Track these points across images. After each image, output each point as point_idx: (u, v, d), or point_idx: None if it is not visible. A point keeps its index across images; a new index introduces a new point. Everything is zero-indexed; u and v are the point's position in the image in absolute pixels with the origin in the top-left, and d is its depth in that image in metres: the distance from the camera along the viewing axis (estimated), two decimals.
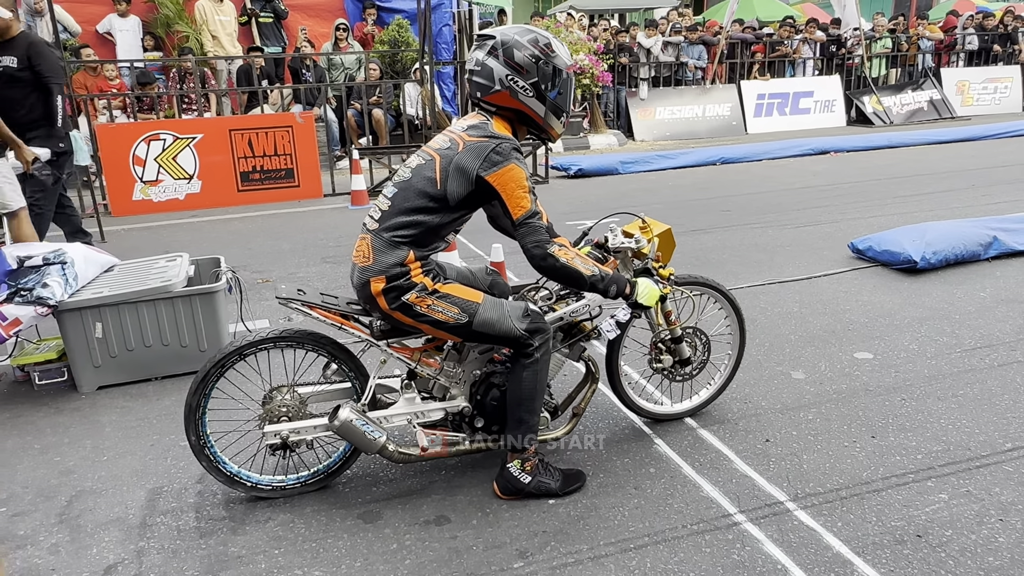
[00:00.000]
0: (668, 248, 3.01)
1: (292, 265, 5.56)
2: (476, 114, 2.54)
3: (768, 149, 10.35)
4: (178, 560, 2.39)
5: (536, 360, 2.51)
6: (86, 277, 3.67)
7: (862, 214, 6.71)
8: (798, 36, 13.69)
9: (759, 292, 4.73)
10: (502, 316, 2.47)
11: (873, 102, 13.68)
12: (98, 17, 10.25)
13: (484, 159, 2.37)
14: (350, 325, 2.58)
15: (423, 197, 2.42)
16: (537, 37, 2.48)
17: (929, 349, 3.80)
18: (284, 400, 2.61)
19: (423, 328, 2.50)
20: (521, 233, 2.42)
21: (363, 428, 2.51)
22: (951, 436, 2.98)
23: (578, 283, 2.51)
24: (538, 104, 2.51)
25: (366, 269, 2.44)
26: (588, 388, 2.88)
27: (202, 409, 2.56)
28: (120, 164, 7.74)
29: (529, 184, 2.44)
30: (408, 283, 2.41)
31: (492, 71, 2.45)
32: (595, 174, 9.32)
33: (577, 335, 2.79)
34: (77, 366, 3.57)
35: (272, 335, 2.60)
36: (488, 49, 2.47)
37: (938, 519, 2.47)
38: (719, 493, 2.66)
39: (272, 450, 2.60)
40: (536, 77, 2.46)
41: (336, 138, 10.14)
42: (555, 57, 2.50)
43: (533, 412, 2.56)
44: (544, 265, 2.44)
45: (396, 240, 2.42)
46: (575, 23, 12.48)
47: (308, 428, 2.60)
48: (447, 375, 2.67)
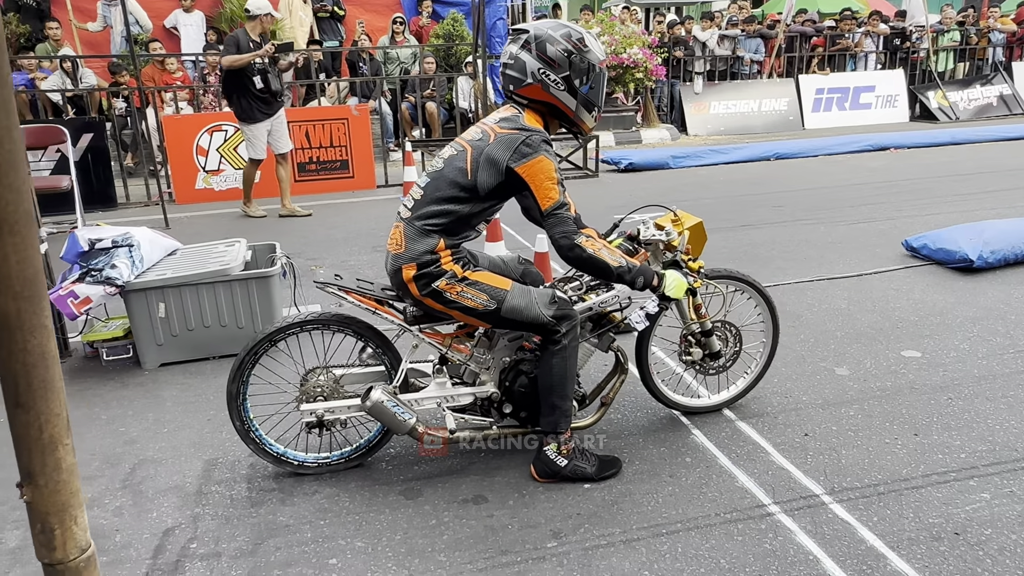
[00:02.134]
0: (699, 241, 3.02)
1: (344, 253, 5.72)
2: (509, 107, 2.61)
3: (825, 145, 10.13)
4: (230, 527, 2.53)
5: (564, 347, 2.56)
6: (151, 259, 3.87)
7: (920, 212, 6.55)
8: (860, 29, 13.33)
9: (806, 288, 4.69)
10: (530, 303, 2.54)
11: (938, 97, 13.24)
12: (166, 12, 10.65)
13: (514, 151, 2.44)
14: (384, 310, 2.68)
15: (454, 187, 2.49)
16: (570, 32, 2.53)
17: (981, 349, 3.72)
18: (319, 381, 2.73)
19: (453, 314, 2.58)
20: (549, 223, 2.48)
21: (393, 409, 2.61)
22: (998, 436, 2.93)
23: (605, 273, 2.55)
24: (569, 98, 2.56)
25: (399, 256, 2.53)
26: (617, 379, 2.92)
27: (243, 395, 2.71)
28: (184, 154, 8.04)
29: (558, 176, 2.49)
30: (438, 270, 2.49)
31: (525, 65, 2.51)
32: (645, 168, 9.28)
33: (607, 325, 2.83)
34: (141, 344, 3.77)
35: (311, 318, 2.72)
36: (522, 43, 2.53)
37: (978, 518, 2.45)
38: (754, 484, 2.68)
39: (308, 428, 2.72)
40: (568, 71, 2.52)
41: (390, 130, 10.33)
42: (588, 52, 2.54)
43: (565, 398, 2.62)
44: (571, 255, 2.49)
45: (428, 228, 2.50)
46: (630, 16, 12.40)
47: (342, 408, 2.71)
48: (477, 361, 2.75)
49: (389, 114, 10.26)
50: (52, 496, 1.16)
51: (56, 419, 1.14)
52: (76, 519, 1.20)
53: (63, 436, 1.16)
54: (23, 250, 1.05)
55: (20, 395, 1.10)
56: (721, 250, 5.57)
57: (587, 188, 8.36)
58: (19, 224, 1.04)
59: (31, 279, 1.07)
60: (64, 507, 1.18)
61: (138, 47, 9.33)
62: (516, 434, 2.81)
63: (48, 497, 1.16)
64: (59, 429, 1.14)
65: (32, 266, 1.07)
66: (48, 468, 1.15)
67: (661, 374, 3.18)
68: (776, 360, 3.63)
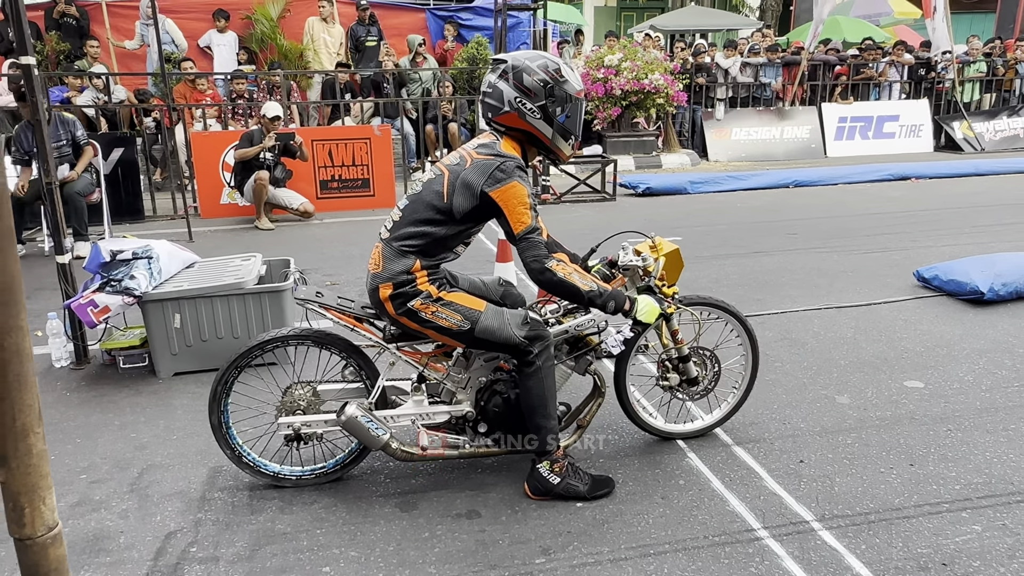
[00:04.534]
0: (676, 268, 3.06)
1: (360, 270, 5.83)
2: (488, 133, 2.70)
3: (845, 173, 10.12)
4: (230, 532, 2.61)
5: (539, 368, 2.62)
6: (169, 271, 4.00)
7: (935, 243, 6.52)
8: (884, 59, 13.33)
9: (813, 316, 4.70)
10: (503, 324, 2.61)
11: (964, 128, 13.16)
12: (200, 32, 10.99)
13: (489, 176, 2.52)
14: (363, 328, 2.76)
15: (431, 209, 2.58)
16: (547, 63, 2.62)
17: (985, 381, 3.71)
18: (300, 395, 2.81)
19: (428, 333, 2.65)
20: (521, 247, 2.56)
21: (367, 425, 2.68)
22: (994, 469, 2.93)
23: (576, 297, 2.62)
24: (546, 126, 2.64)
25: (376, 276, 2.62)
26: (594, 402, 2.97)
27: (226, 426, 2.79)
28: (211, 169, 8.25)
29: (531, 201, 2.56)
30: (413, 290, 2.57)
31: (502, 93, 2.61)
32: (663, 193, 9.34)
33: (583, 349, 2.88)
34: (156, 353, 3.89)
35: (292, 333, 2.81)
36: (500, 72, 2.63)
37: (967, 550, 2.45)
38: (745, 508, 2.70)
39: (286, 440, 2.80)
40: (544, 100, 2.60)
41: (412, 150, 10.50)
42: (564, 82, 2.63)
43: (548, 416, 2.68)
44: (542, 279, 2.56)
45: (404, 249, 2.59)
46: (652, 43, 12.53)
47: (318, 422, 2.79)
48: (453, 380, 2.81)
49: (412, 134, 10.44)
50: (23, 478, 1.29)
51: (28, 409, 1.26)
52: (44, 500, 1.32)
53: (35, 425, 1.28)
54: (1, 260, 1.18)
55: None
56: (731, 276, 5.60)
57: (604, 211, 8.43)
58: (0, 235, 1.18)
59: (7, 285, 1.20)
60: (33, 488, 1.30)
61: (172, 65, 9.63)
62: (489, 455, 2.87)
63: (20, 479, 1.29)
64: (31, 418, 1.27)
65: (8, 273, 1.20)
66: (20, 452, 1.27)
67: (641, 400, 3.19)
68: (776, 387, 3.68)
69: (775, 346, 4.19)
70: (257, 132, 7.74)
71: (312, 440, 2.83)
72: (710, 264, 5.89)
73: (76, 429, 3.40)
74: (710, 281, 5.43)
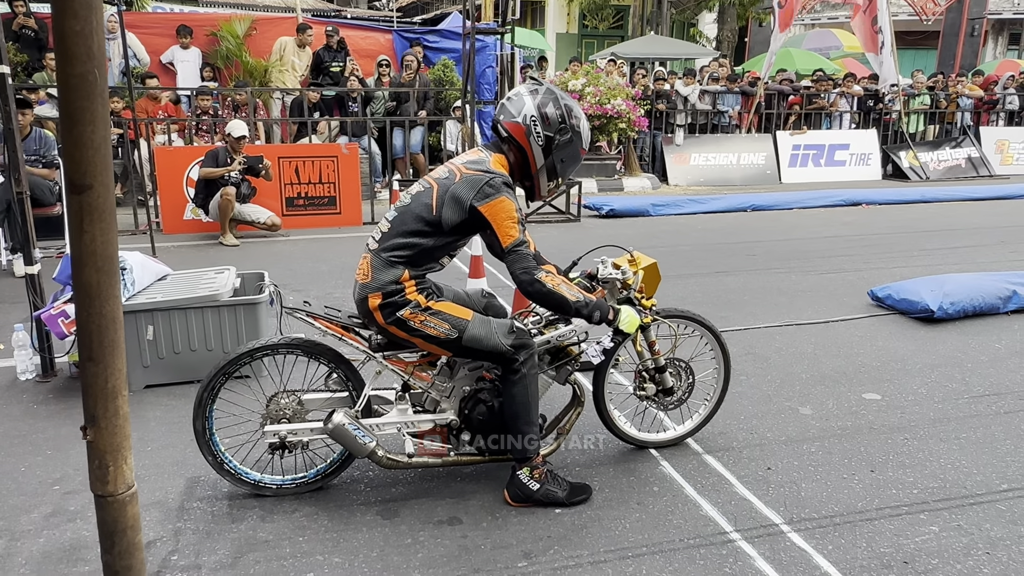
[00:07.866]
0: (653, 281, 3.19)
1: (329, 286, 5.84)
2: (477, 151, 2.80)
3: (799, 198, 10.48)
4: (211, 540, 2.61)
5: (524, 375, 2.71)
6: (142, 283, 3.98)
7: (886, 264, 6.81)
8: (835, 90, 13.87)
9: (775, 333, 4.87)
10: (490, 332, 2.68)
11: (910, 157, 13.74)
12: (163, 48, 10.88)
13: (478, 191, 2.61)
14: (349, 337, 2.81)
15: (419, 221, 2.66)
16: (575, 110, 2.77)
17: (937, 394, 3.90)
18: (285, 403, 2.83)
19: (416, 342, 2.71)
20: (510, 260, 2.65)
21: (354, 433, 2.72)
22: (949, 475, 3.09)
23: (563, 308, 2.71)
24: (541, 155, 2.75)
25: (365, 286, 2.68)
26: (574, 411, 3.06)
27: (210, 432, 2.80)
28: (174, 185, 8.18)
29: (519, 215, 2.66)
30: (403, 300, 2.64)
31: (524, 105, 2.72)
32: (626, 215, 9.54)
33: (564, 359, 2.97)
34: (128, 365, 3.84)
35: (283, 342, 2.83)
36: (531, 89, 2.76)
37: (926, 548, 2.59)
38: (717, 513, 2.80)
39: (271, 449, 2.82)
40: (553, 133, 2.72)
41: (378, 169, 10.53)
42: (576, 132, 2.77)
43: (531, 423, 2.76)
44: (531, 290, 2.65)
45: (393, 260, 2.65)
46: (615, 69, 12.83)
47: (304, 430, 2.82)
48: (438, 389, 2.87)
49: (378, 153, 10.48)
50: (110, 437, 1.35)
51: (119, 373, 1.33)
52: (126, 459, 1.39)
53: (122, 388, 1.35)
54: (106, 233, 1.26)
55: (93, 350, 1.28)
56: (696, 294, 5.76)
57: (569, 232, 8.58)
58: (106, 213, 1.27)
59: (111, 256, 1.27)
60: (118, 448, 1.36)
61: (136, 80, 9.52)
62: (472, 463, 2.92)
63: (107, 438, 1.35)
64: (120, 382, 1.34)
65: (112, 246, 1.28)
66: (109, 413, 1.34)
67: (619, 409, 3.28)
68: (743, 399, 3.81)
69: (741, 361, 4.33)
70: (222, 151, 7.72)
71: (297, 449, 2.84)
72: (675, 283, 6.05)
73: (46, 441, 3.34)
74: (676, 299, 5.57)
